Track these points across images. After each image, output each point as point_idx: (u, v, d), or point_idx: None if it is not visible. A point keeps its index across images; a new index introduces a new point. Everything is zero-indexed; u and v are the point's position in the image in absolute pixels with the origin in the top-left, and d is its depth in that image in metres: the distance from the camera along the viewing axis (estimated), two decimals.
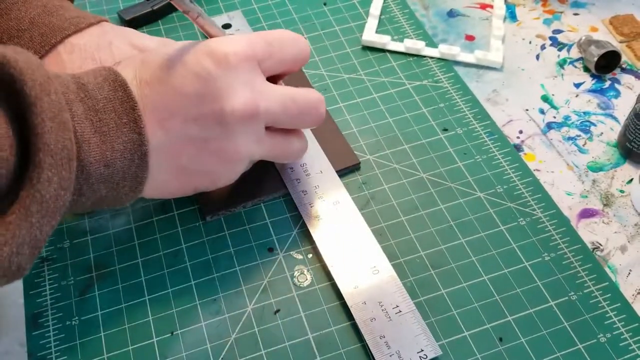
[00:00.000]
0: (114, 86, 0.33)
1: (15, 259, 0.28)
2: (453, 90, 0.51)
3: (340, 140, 0.47)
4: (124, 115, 0.33)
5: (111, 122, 0.32)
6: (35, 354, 0.37)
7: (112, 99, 0.33)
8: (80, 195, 0.32)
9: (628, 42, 0.55)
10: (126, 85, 0.33)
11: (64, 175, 0.29)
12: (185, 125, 0.35)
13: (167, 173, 0.36)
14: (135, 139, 0.33)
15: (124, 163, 0.33)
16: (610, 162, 0.47)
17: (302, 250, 0.42)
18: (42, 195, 0.28)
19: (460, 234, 0.42)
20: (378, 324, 0.37)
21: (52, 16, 0.40)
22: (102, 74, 0.34)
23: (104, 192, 0.33)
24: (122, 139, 0.33)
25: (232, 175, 0.38)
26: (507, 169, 0.46)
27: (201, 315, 0.39)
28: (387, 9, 0.59)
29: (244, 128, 0.36)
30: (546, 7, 0.59)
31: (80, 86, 0.33)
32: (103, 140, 0.32)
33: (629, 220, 0.43)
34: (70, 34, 0.40)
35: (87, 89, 0.33)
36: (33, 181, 0.28)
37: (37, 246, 0.30)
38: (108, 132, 0.32)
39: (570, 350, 0.37)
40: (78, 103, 0.32)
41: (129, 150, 0.33)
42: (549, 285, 0.40)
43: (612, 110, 0.50)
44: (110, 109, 0.33)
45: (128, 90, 0.33)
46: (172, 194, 0.38)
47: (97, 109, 0.32)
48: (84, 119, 0.32)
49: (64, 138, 0.29)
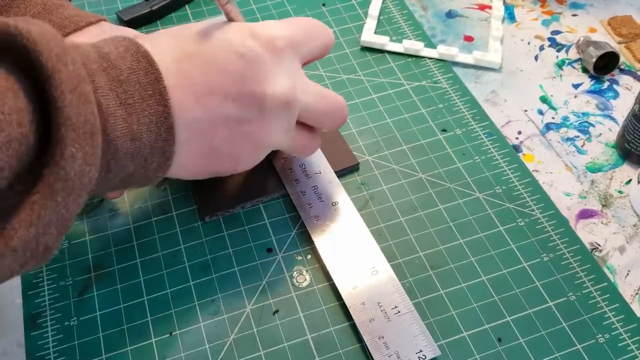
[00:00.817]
0: (137, 57, 0.32)
1: (42, 239, 0.27)
2: (452, 91, 0.51)
3: (339, 141, 0.47)
4: (149, 87, 0.31)
5: (136, 94, 0.31)
6: (34, 355, 0.37)
7: (136, 70, 0.31)
8: (108, 171, 0.31)
9: (626, 43, 0.55)
10: (149, 55, 0.32)
11: (87, 151, 0.28)
12: (224, 103, 0.34)
13: (196, 151, 0.35)
14: (161, 111, 0.32)
15: (150, 137, 0.32)
16: (608, 162, 0.47)
17: (301, 250, 0.42)
18: (66, 172, 0.27)
19: (459, 235, 0.42)
20: (377, 325, 0.37)
21: (51, 14, 0.40)
22: (122, 44, 0.32)
23: (132, 169, 0.32)
24: (147, 111, 0.31)
25: (253, 162, 0.38)
26: (505, 169, 0.46)
27: (200, 316, 0.39)
28: (385, 10, 0.59)
29: (280, 115, 0.35)
30: (545, 8, 0.59)
31: (102, 55, 0.31)
32: (128, 112, 0.31)
33: (627, 220, 0.43)
34: (69, 32, 0.40)
35: (110, 59, 0.31)
36: (56, 158, 0.27)
37: (65, 225, 0.28)
38: (133, 104, 0.31)
39: (569, 351, 0.37)
40: (101, 73, 0.30)
41: (155, 123, 0.32)
42: (547, 286, 0.40)
43: (610, 111, 0.50)
44: (134, 80, 0.31)
45: (151, 60, 0.32)
46: (194, 174, 0.37)
47: (121, 79, 0.31)
48: (108, 90, 0.30)
49: (86, 111, 0.28)
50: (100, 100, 0.30)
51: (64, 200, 0.27)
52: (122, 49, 0.32)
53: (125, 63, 0.31)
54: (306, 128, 0.39)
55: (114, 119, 0.30)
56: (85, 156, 0.28)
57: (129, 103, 0.31)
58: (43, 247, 0.28)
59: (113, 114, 0.30)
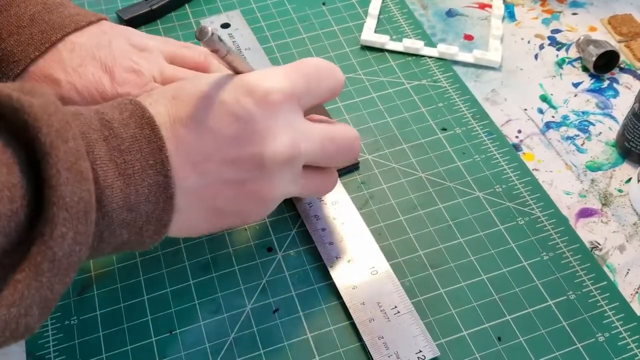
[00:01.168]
0: (141, 123, 0.31)
1: (24, 320, 0.26)
2: (452, 90, 0.51)
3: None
4: (150, 157, 0.31)
5: (136, 164, 0.30)
6: (34, 354, 0.37)
7: (139, 138, 0.31)
8: (101, 241, 0.30)
9: (626, 42, 0.55)
10: (154, 123, 0.31)
11: (79, 230, 0.27)
12: (222, 168, 0.33)
13: (198, 215, 0.34)
14: (162, 181, 0.31)
15: (148, 207, 0.31)
16: (608, 161, 0.47)
17: (301, 250, 0.42)
18: (54, 252, 0.26)
19: (459, 234, 0.42)
20: (377, 325, 0.37)
21: (52, 13, 0.40)
22: (128, 108, 0.32)
23: (126, 237, 0.31)
24: (147, 181, 0.30)
25: (264, 213, 0.36)
26: (505, 168, 0.46)
27: (200, 315, 0.39)
28: (385, 9, 0.59)
29: (282, 170, 0.34)
30: (545, 6, 0.59)
31: (104, 123, 0.30)
32: (127, 183, 0.30)
33: (627, 219, 0.43)
34: (70, 31, 0.40)
35: (112, 127, 0.30)
36: (45, 237, 0.26)
37: (47, 306, 0.27)
38: (133, 174, 0.30)
39: (569, 350, 0.37)
40: (102, 143, 0.30)
41: (154, 193, 0.31)
42: (547, 285, 0.40)
43: (610, 110, 0.50)
44: (136, 149, 0.30)
45: (156, 129, 0.31)
46: (200, 233, 0.36)
47: (122, 149, 0.30)
48: (108, 161, 0.29)
49: (81, 189, 0.27)
50: (98, 172, 0.29)
51: (49, 280, 0.26)
52: (126, 115, 0.31)
53: (128, 131, 0.31)
54: (317, 170, 0.38)
55: (110, 191, 0.29)
56: (76, 235, 0.27)
57: (128, 173, 0.30)
58: (24, 328, 0.27)
59: (110, 185, 0.29)
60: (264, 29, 0.57)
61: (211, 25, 0.56)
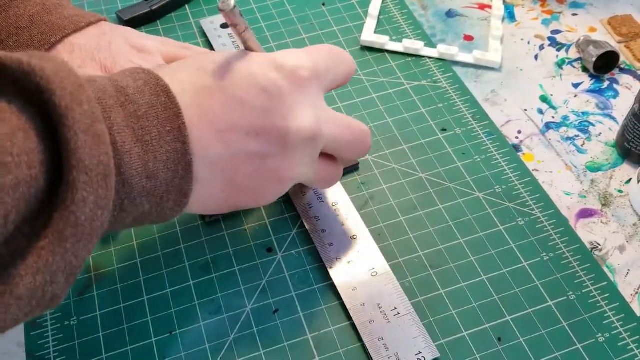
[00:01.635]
0: (156, 91, 0.31)
1: (50, 288, 0.26)
2: (452, 91, 0.51)
3: None
4: (168, 123, 0.30)
5: (154, 130, 0.30)
6: (34, 354, 0.37)
7: (155, 105, 0.30)
8: (122, 210, 0.30)
9: (626, 43, 0.55)
10: (169, 90, 0.31)
11: (100, 194, 0.26)
12: (246, 139, 0.33)
13: (217, 187, 0.34)
14: (179, 148, 0.30)
15: (167, 174, 0.30)
16: (608, 162, 0.47)
17: (301, 250, 0.42)
18: (77, 217, 0.26)
19: (459, 234, 0.42)
20: (376, 326, 0.37)
21: (51, 14, 0.40)
22: (141, 77, 0.31)
23: (147, 207, 0.31)
24: (165, 148, 0.30)
25: (276, 195, 0.36)
26: (505, 169, 0.46)
27: (200, 315, 0.39)
28: (385, 10, 0.59)
29: (304, 149, 0.34)
30: (545, 7, 0.59)
31: (119, 90, 0.30)
32: (145, 150, 0.29)
33: (627, 220, 0.43)
34: (69, 33, 0.40)
35: (127, 93, 0.30)
36: (67, 202, 0.25)
37: (73, 272, 0.27)
38: (150, 140, 0.30)
39: (569, 350, 0.37)
40: (118, 109, 0.29)
41: (172, 160, 0.30)
42: (547, 285, 0.40)
43: (610, 111, 0.50)
44: (153, 115, 0.30)
45: (171, 95, 0.31)
46: (214, 209, 0.36)
47: (138, 115, 0.30)
48: (125, 127, 0.29)
49: (99, 152, 0.26)
50: (116, 137, 0.28)
51: (74, 246, 0.26)
52: (140, 82, 0.31)
53: (144, 97, 0.30)
54: (330, 158, 0.38)
55: (129, 157, 0.29)
56: (97, 200, 0.26)
57: (146, 140, 0.29)
58: (50, 296, 0.26)
59: (129, 152, 0.29)
60: (264, 29, 0.57)
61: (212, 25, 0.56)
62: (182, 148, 0.31)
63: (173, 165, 0.30)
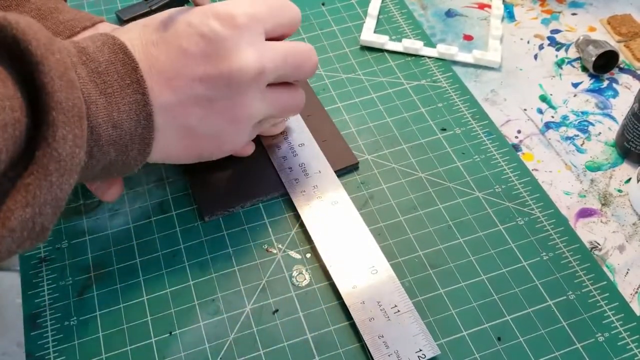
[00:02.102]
0: (114, 49, 0.33)
1: (39, 219, 0.29)
2: (451, 90, 0.51)
3: (339, 140, 0.47)
4: (127, 77, 0.33)
5: (115, 84, 0.33)
6: (34, 355, 0.37)
7: (114, 61, 0.33)
8: (91, 157, 0.32)
9: (626, 42, 0.55)
10: (125, 47, 0.34)
11: (77, 133, 0.29)
12: (192, 84, 0.35)
13: (174, 134, 0.36)
14: (140, 99, 0.33)
15: (130, 124, 0.33)
16: (608, 161, 0.47)
17: (301, 250, 0.42)
18: (59, 153, 0.28)
19: (458, 234, 0.42)
20: (377, 324, 0.37)
21: (46, 20, 0.40)
22: (100, 38, 0.34)
23: (114, 156, 0.33)
24: (126, 100, 0.33)
25: (238, 139, 0.39)
26: (505, 168, 0.46)
27: (199, 315, 0.39)
28: (385, 9, 0.59)
29: (250, 86, 0.36)
30: (544, 7, 0.59)
31: (80, 49, 0.33)
32: (109, 101, 0.32)
33: (627, 219, 0.43)
34: (64, 39, 0.39)
35: (88, 52, 0.33)
36: (48, 140, 0.28)
37: (59, 205, 0.30)
38: (112, 93, 0.32)
39: (569, 350, 0.37)
40: (81, 66, 0.32)
41: (134, 110, 0.33)
42: (547, 285, 0.40)
43: (610, 110, 0.50)
44: (113, 70, 0.33)
45: (128, 52, 0.34)
46: (178, 159, 0.38)
47: (99, 71, 0.32)
48: (88, 81, 0.32)
49: (73, 96, 0.29)
50: (82, 89, 0.31)
51: (58, 180, 0.29)
52: (99, 43, 0.34)
53: (103, 56, 0.33)
54: (282, 86, 0.40)
55: (95, 107, 0.31)
56: (75, 138, 0.29)
57: (108, 92, 0.32)
58: (40, 227, 0.29)
59: (95, 102, 0.31)
60: None
61: None
62: (142, 99, 0.33)
63: (135, 115, 0.33)
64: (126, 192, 0.45)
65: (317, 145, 0.46)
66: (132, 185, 0.45)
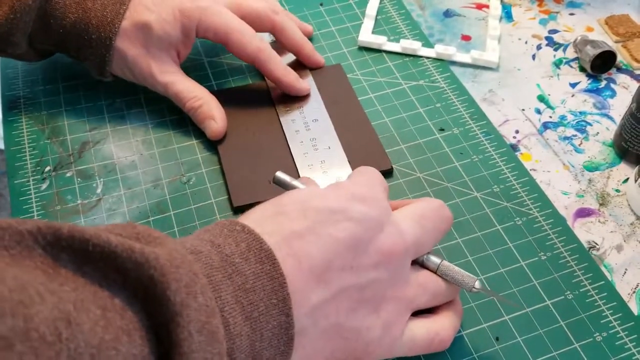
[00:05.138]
0: (260, 257, 0.29)
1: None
2: (449, 90, 0.51)
3: (375, 143, 0.47)
4: (273, 295, 0.28)
5: (261, 304, 0.28)
6: None
7: (260, 275, 0.28)
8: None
9: (623, 42, 0.55)
10: (273, 256, 0.29)
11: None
12: (342, 274, 0.31)
13: (319, 340, 0.31)
14: (284, 322, 0.28)
15: (270, 352, 0.28)
16: (606, 161, 0.47)
17: None
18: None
19: (456, 234, 0.42)
20: None
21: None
22: (243, 238, 0.29)
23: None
24: (271, 324, 0.28)
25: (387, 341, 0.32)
26: (503, 168, 0.46)
27: None
28: (383, 10, 0.59)
29: (401, 263, 0.33)
30: (542, 7, 0.59)
31: (224, 259, 0.28)
32: (253, 328, 0.27)
33: (624, 219, 0.44)
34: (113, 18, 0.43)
35: (234, 262, 0.28)
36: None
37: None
38: (258, 317, 0.28)
39: (567, 349, 0.37)
40: (227, 282, 0.27)
41: (276, 336, 0.28)
42: (545, 285, 0.40)
43: (607, 110, 0.50)
44: (260, 287, 0.28)
45: (276, 262, 0.29)
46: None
47: (246, 288, 0.28)
48: (234, 304, 0.27)
49: (212, 354, 0.25)
50: (228, 319, 0.27)
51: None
52: (243, 247, 0.29)
53: (250, 267, 0.28)
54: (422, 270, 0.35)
55: (240, 341, 0.27)
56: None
57: (254, 317, 0.28)
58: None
59: (239, 334, 0.27)
60: None
61: None
62: (286, 321, 0.28)
63: (276, 341, 0.28)
64: (124, 192, 0.45)
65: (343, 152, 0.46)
66: (130, 186, 0.45)
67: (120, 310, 0.24)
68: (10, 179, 0.45)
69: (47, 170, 0.46)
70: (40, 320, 0.21)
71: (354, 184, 0.34)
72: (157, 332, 0.24)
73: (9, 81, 0.52)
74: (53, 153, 0.47)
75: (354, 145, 0.46)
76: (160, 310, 0.24)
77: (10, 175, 0.45)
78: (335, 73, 0.52)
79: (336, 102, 0.49)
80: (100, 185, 0.45)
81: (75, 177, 0.46)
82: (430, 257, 0.35)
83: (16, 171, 0.46)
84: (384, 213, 0.33)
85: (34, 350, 0.20)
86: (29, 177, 0.45)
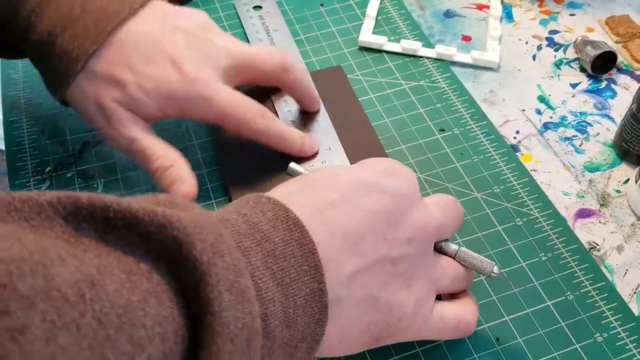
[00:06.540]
0: (288, 224, 0.28)
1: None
2: (450, 91, 0.51)
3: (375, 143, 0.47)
4: (304, 262, 0.28)
5: (292, 271, 0.27)
6: None
7: (289, 242, 0.28)
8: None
9: (624, 43, 0.55)
10: (301, 224, 0.28)
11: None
12: (377, 246, 0.30)
13: (356, 311, 0.30)
14: (316, 288, 0.28)
15: (304, 320, 0.28)
16: (606, 162, 0.47)
17: None
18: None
19: (457, 235, 0.42)
20: None
21: None
22: (269, 208, 0.29)
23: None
24: (304, 290, 0.27)
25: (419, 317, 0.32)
26: (504, 169, 0.46)
27: None
28: (383, 10, 0.59)
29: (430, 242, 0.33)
30: (542, 7, 0.59)
31: (252, 226, 0.28)
32: (285, 294, 0.27)
33: (625, 220, 0.44)
34: (126, 17, 0.38)
35: (262, 229, 0.28)
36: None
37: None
38: (290, 283, 0.27)
39: (567, 350, 0.37)
40: (256, 249, 0.27)
41: (309, 303, 0.28)
42: (545, 285, 0.40)
43: (608, 111, 0.50)
44: (289, 253, 0.28)
45: (304, 230, 0.28)
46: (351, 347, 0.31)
47: (276, 254, 0.27)
48: (265, 269, 0.27)
49: (244, 313, 0.24)
50: (259, 284, 0.26)
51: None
52: (270, 215, 0.29)
53: (278, 234, 0.28)
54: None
55: (273, 306, 0.26)
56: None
57: (285, 283, 0.27)
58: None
59: (272, 299, 0.26)
60: None
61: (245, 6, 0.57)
62: (319, 288, 0.28)
63: (310, 309, 0.28)
64: (123, 193, 0.45)
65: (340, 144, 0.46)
66: (130, 186, 0.45)
67: (147, 273, 0.23)
68: (11, 179, 0.45)
69: (48, 171, 0.46)
70: (62, 280, 0.20)
71: (384, 160, 0.34)
72: (185, 294, 0.24)
73: (9, 82, 0.52)
74: (54, 153, 0.47)
75: (355, 146, 0.46)
76: (187, 271, 0.23)
77: (11, 176, 0.45)
78: (336, 75, 0.52)
79: (336, 103, 0.49)
80: (101, 185, 0.45)
81: (76, 177, 0.46)
82: (448, 244, 0.35)
83: (17, 171, 0.46)
84: (414, 189, 0.33)
85: (57, 310, 0.19)
86: (30, 178, 0.45)
